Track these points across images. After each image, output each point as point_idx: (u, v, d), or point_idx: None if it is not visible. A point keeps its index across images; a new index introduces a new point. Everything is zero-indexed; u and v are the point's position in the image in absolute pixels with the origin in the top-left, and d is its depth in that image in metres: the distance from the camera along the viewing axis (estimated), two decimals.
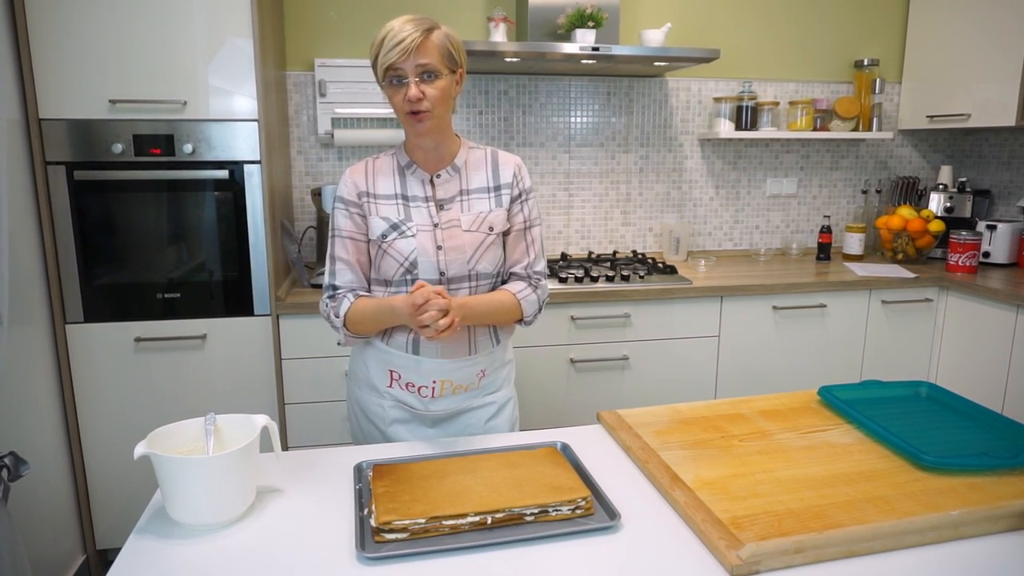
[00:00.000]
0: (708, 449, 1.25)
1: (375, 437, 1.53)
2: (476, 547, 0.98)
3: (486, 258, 1.43)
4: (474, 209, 1.44)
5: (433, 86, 1.33)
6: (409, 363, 1.46)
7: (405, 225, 1.41)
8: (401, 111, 1.36)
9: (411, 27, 1.30)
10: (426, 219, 1.42)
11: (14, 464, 1.45)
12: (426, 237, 1.40)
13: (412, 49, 1.29)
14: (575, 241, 3.10)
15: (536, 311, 1.51)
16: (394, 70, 1.31)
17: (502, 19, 2.60)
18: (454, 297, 1.35)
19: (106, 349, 2.18)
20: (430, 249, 1.40)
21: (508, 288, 1.47)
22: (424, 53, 1.31)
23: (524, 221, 1.50)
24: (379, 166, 1.46)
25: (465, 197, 1.45)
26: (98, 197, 2.11)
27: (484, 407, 1.53)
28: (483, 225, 1.43)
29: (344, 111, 2.74)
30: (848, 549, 0.96)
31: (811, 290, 2.62)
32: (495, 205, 1.45)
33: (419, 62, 1.31)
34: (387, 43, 1.30)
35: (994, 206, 3.22)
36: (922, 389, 1.49)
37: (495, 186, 1.47)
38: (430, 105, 1.33)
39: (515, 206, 1.48)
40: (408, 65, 1.30)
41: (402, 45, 1.29)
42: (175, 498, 1.03)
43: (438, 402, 1.49)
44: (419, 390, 1.48)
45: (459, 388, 1.49)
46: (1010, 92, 2.71)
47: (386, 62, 1.30)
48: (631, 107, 3.03)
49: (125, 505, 2.28)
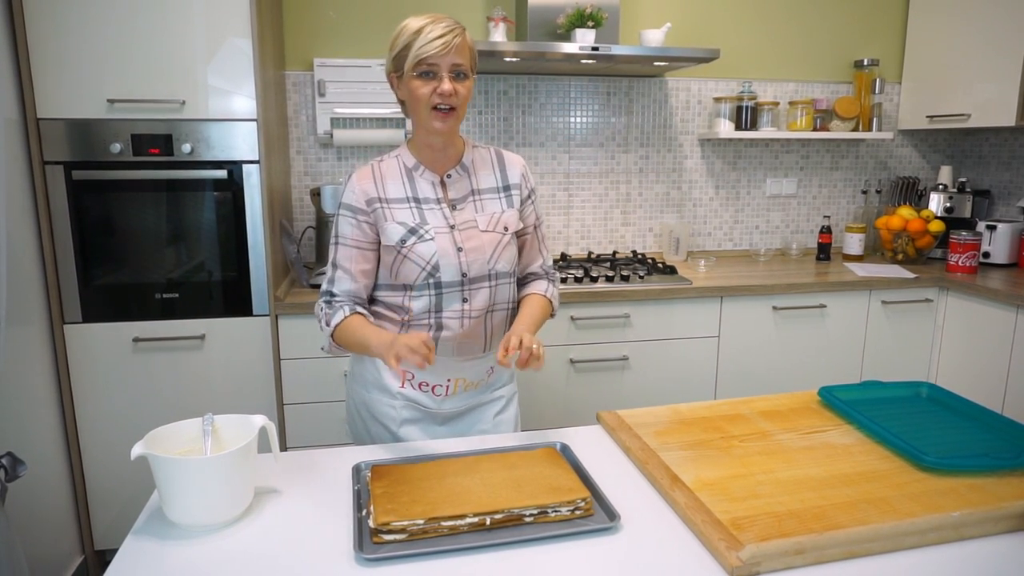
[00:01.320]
0: (708, 450, 1.25)
1: (384, 439, 1.50)
2: (475, 548, 0.98)
3: (504, 257, 1.44)
4: (487, 209, 1.45)
5: (463, 85, 1.35)
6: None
7: (422, 228, 1.39)
8: (426, 104, 1.34)
9: (446, 21, 1.33)
10: (441, 221, 1.41)
11: (12, 464, 1.44)
12: (445, 239, 1.40)
13: (454, 46, 1.31)
14: (575, 241, 3.10)
15: (558, 304, 1.58)
16: (428, 64, 1.31)
17: (502, 19, 2.60)
18: (518, 326, 1.41)
19: (104, 349, 2.18)
20: (451, 251, 1.40)
21: (535, 291, 1.52)
22: (461, 52, 1.34)
23: (536, 221, 1.54)
24: (385, 170, 1.44)
25: (477, 197, 1.45)
26: (96, 197, 2.11)
27: (493, 402, 1.55)
28: (499, 225, 1.44)
29: (343, 111, 2.73)
30: (848, 550, 0.96)
31: (811, 290, 2.62)
32: (507, 206, 1.47)
33: (455, 61, 1.33)
34: (426, 35, 1.30)
35: (994, 206, 3.21)
36: (922, 390, 1.49)
37: (504, 186, 1.48)
38: (458, 101, 1.35)
39: (526, 207, 1.52)
40: (445, 61, 1.32)
41: (444, 39, 1.30)
42: (172, 499, 1.02)
43: (451, 400, 1.50)
44: (433, 389, 1.48)
45: (471, 385, 1.51)
46: (1010, 92, 2.71)
47: (423, 54, 1.30)
48: (631, 107, 3.02)
49: (123, 506, 2.27)
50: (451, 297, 1.41)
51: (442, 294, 1.41)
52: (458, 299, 1.42)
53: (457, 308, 1.42)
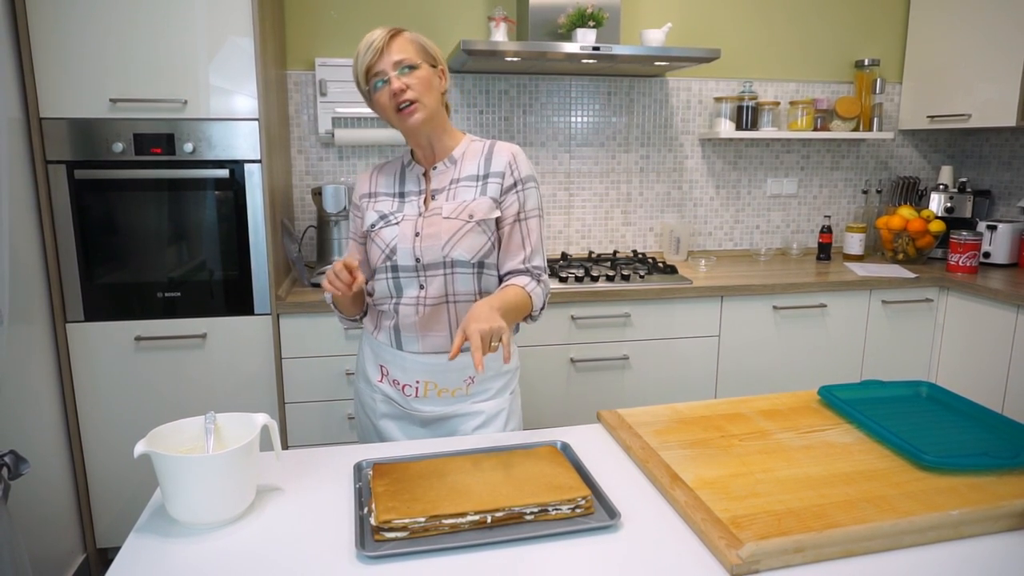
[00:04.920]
0: (708, 449, 1.25)
1: (369, 429, 1.57)
2: (476, 546, 0.98)
3: (462, 245, 1.41)
4: (458, 197, 1.44)
5: (414, 76, 1.37)
6: (395, 358, 1.49)
7: (394, 216, 1.45)
8: (391, 111, 1.38)
9: (379, 31, 1.37)
10: (414, 210, 1.45)
11: (14, 463, 1.45)
12: (408, 225, 1.43)
13: (383, 47, 1.35)
14: (575, 241, 3.10)
15: (542, 306, 1.48)
16: (375, 73, 1.37)
17: (503, 19, 2.60)
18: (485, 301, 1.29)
19: (106, 348, 2.18)
20: (409, 235, 1.42)
21: (515, 283, 1.44)
22: (396, 49, 1.36)
23: (519, 211, 1.45)
24: (386, 168, 1.54)
25: (454, 186, 1.46)
26: (99, 196, 2.11)
27: (471, 415, 1.49)
28: (463, 213, 1.41)
29: (345, 110, 2.74)
30: (848, 549, 0.96)
31: (811, 290, 2.62)
32: (480, 194, 1.43)
33: (396, 58, 1.36)
34: (360, 51, 1.37)
35: (994, 206, 3.21)
36: (922, 389, 1.49)
37: (484, 175, 1.45)
38: (415, 94, 1.36)
39: (509, 196, 1.45)
40: (385, 63, 1.36)
41: (373, 45, 1.35)
42: (175, 497, 1.03)
43: (422, 402, 1.49)
44: (403, 388, 1.50)
45: (444, 391, 1.48)
46: (1010, 92, 2.71)
47: (364, 65, 1.37)
48: (632, 107, 3.03)
49: (125, 504, 2.28)
50: (408, 282, 1.44)
51: (399, 278, 1.44)
52: (415, 285, 1.44)
53: (413, 295, 1.44)
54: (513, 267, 1.47)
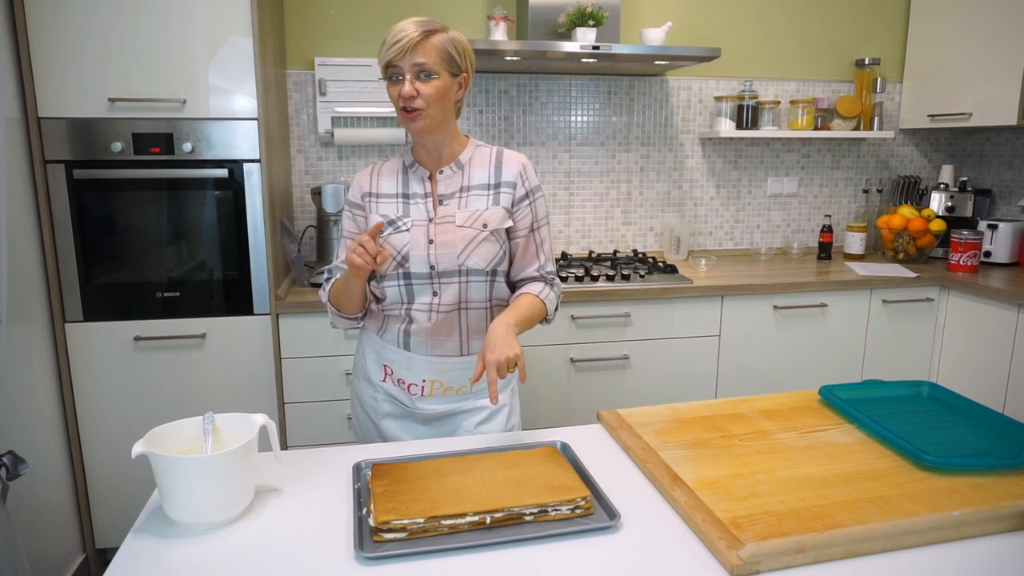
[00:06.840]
0: (708, 449, 1.25)
1: (369, 429, 1.56)
2: (475, 547, 0.98)
3: (477, 254, 1.42)
4: (471, 206, 1.44)
5: (429, 85, 1.35)
6: (401, 358, 1.48)
7: (401, 221, 1.43)
8: (397, 108, 1.39)
9: (413, 27, 1.33)
10: (423, 215, 1.43)
11: (13, 463, 1.44)
12: (419, 232, 1.42)
13: (408, 48, 1.33)
14: (575, 240, 3.09)
15: (555, 309, 1.52)
16: (393, 67, 1.36)
17: (502, 18, 2.60)
18: (501, 321, 1.35)
19: (106, 348, 2.18)
20: (422, 243, 1.41)
21: (529, 291, 1.47)
22: (421, 53, 1.33)
23: (533, 222, 1.49)
24: (385, 167, 1.50)
25: (465, 194, 1.45)
26: (97, 196, 2.11)
27: (474, 411, 1.51)
28: (477, 222, 1.43)
29: (344, 110, 2.73)
30: (849, 549, 0.96)
31: (812, 289, 2.62)
32: (492, 203, 1.45)
33: (415, 61, 1.34)
34: (388, 41, 1.34)
35: (995, 205, 3.21)
36: (923, 389, 1.49)
37: (495, 183, 1.46)
38: (423, 104, 1.35)
39: (522, 207, 1.47)
40: (405, 63, 1.34)
41: (400, 44, 1.32)
42: (173, 497, 1.02)
43: (427, 401, 1.50)
44: (408, 387, 1.49)
45: (449, 390, 1.50)
46: (1011, 91, 2.70)
47: (385, 58, 1.36)
48: (632, 106, 3.02)
49: (124, 504, 2.28)
50: (421, 289, 1.43)
51: (412, 285, 1.43)
52: (428, 292, 1.43)
53: (427, 301, 1.43)
54: (528, 275, 1.51)
